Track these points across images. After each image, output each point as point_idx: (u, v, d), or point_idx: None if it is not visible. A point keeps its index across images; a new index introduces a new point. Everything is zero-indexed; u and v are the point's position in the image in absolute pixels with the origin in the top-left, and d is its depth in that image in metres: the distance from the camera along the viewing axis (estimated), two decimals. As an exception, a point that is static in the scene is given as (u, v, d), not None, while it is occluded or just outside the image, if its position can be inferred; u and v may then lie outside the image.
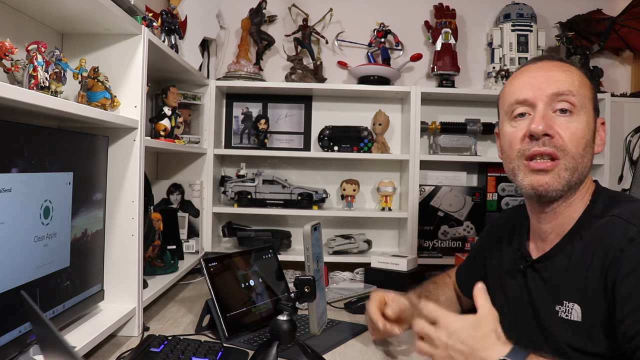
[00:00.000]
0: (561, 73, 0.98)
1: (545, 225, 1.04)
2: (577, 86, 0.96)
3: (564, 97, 0.95)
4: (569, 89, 0.95)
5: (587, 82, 1.00)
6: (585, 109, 0.97)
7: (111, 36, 1.30)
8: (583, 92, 0.97)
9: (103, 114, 1.15)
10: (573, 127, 0.95)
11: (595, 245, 0.92)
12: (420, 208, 2.16)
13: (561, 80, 0.97)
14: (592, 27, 2.32)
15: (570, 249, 0.97)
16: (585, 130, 0.95)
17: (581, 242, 0.96)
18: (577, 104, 0.95)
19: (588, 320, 0.92)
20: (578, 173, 0.96)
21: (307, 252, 1.08)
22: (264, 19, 2.26)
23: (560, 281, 0.98)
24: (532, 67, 1.02)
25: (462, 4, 2.36)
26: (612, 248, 0.88)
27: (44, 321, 0.61)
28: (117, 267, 1.29)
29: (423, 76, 2.40)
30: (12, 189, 0.87)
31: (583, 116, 0.96)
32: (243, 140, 2.32)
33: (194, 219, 2.11)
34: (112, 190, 1.29)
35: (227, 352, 1.14)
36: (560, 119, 0.95)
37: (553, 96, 0.96)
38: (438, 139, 2.25)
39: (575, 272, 0.95)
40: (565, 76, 0.97)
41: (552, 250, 1.01)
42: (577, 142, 0.94)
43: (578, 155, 0.95)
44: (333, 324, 1.40)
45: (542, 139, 0.95)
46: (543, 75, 0.99)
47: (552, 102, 0.96)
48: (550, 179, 0.95)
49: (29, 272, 0.94)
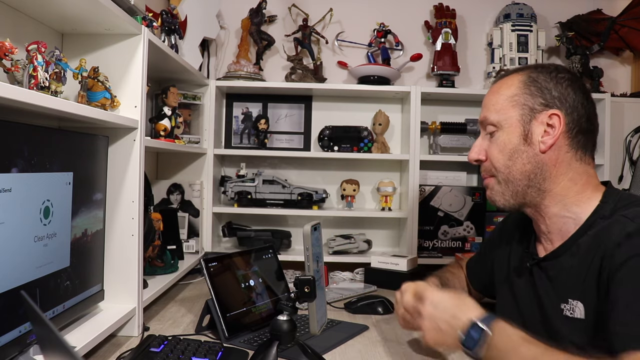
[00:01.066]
0: (488, 97, 1.08)
1: (540, 226, 1.07)
2: (492, 104, 1.06)
3: (485, 123, 1.07)
4: (485, 116, 1.07)
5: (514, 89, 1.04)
6: (506, 122, 1.03)
7: (111, 36, 1.30)
8: (499, 107, 1.04)
9: (103, 114, 1.15)
10: (494, 145, 1.05)
11: (596, 243, 0.94)
12: (420, 208, 2.16)
13: (485, 107, 1.08)
14: (592, 27, 2.32)
15: (576, 248, 0.99)
16: (505, 142, 1.03)
17: (586, 241, 0.97)
18: (495, 122, 1.05)
19: (590, 317, 0.94)
20: (512, 182, 1.04)
21: (307, 252, 1.08)
22: (264, 19, 2.26)
23: (565, 279, 1.00)
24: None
25: (462, 4, 2.36)
26: (610, 243, 0.90)
27: (44, 321, 0.61)
28: (117, 267, 1.29)
29: (423, 76, 2.40)
30: (12, 189, 0.87)
31: (504, 129, 1.04)
32: (243, 140, 2.32)
33: (194, 219, 2.11)
34: (112, 190, 1.29)
35: (227, 352, 1.14)
36: (489, 140, 1.07)
37: (483, 122, 1.09)
38: (438, 139, 2.25)
39: (579, 270, 0.97)
40: (490, 100, 1.07)
41: (559, 249, 1.03)
42: (498, 156, 1.04)
43: (504, 166, 1.04)
44: (333, 324, 1.40)
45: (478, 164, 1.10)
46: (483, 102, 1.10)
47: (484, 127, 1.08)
48: (489, 193, 1.09)
49: (29, 272, 0.94)
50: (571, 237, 1.01)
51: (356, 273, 2.05)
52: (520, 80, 1.05)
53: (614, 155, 2.22)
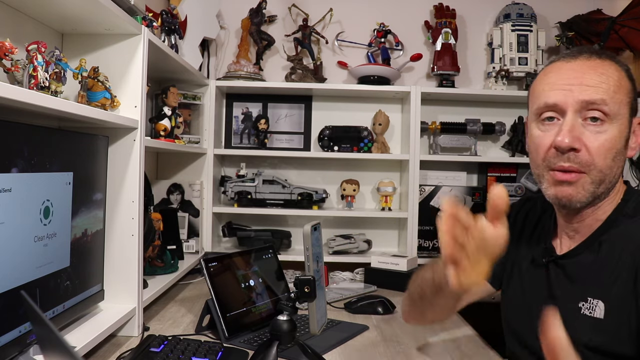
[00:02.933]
0: (596, 77, 0.91)
1: (572, 224, 1.02)
2: (612, 92, 0.90)
3: (596, 106, 0.90)
4: (602, 98, 0.90)
5: (626, 83, 0.94)
6: (620, 115, 0.91)
7: (111, 36, 1.30)
8: (619, 98, 0.91)
9: (103, 114, 1.15)
10: (602, 139, 0.90)
11: (624, 243, 0.91)
12: (420, 208, 2.16)
13: (595, 86, 0.90)
14: (592, 27, 2.32)
15: (598, 246, 0.96)
16: (616, 140, 0.91)
17: (609, 239, 0.94)
18: (610, 113, 0.90)
19: (611, 318, 0.90)
20: (605, 184, 0.93)
21: (307, 252, 1.08)
22: (264, 19, 2.26)
23: (585, 278, 0.97)
24: (567, 67, 0.95)
25: (462, 4, 2.36)
26: None
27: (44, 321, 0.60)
28: (117, 267, 1.29)
29: (423, 76, 2.40)
30: (12, 189, 0.87)
31: (615, 124, 0.91)
32: (243, 140, 2.32)
33: (194, 219, 2.11)
34: (112, 190, 1.29)
35: (227, 352, 1.15)
36: (590, 128, 0.91)
37: (584, 103, 0.90)
38: (438, 139, 2.25)
39: (601, 268, 0.94)
40: (600, 81, 0.91)
41: (579, 247, 0.99)
42: (606, 154, 0.91)
43: (606, 167, 0.91)
44: (333, 324, 1.40)
45: (568, 154, 0.92)
46: (576, 78, 0.92)
47: (582, 109, 0.91)
48: (574, 191, 0.93)
49: (29, 272, 0.94)
50: (593, 234, 0.97)
51: (356, 273, 2.05)
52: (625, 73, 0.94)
53: (614, 155, 2.21)
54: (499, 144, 2.36)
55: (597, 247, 0.96)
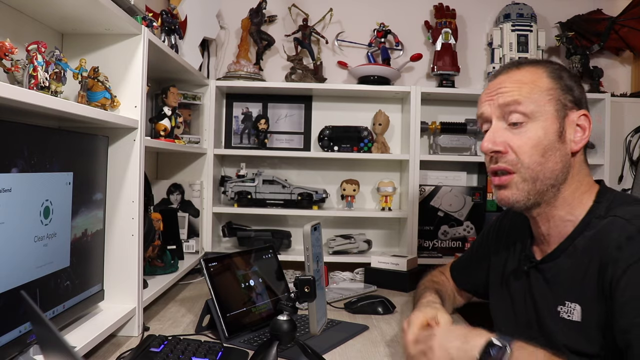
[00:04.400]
0: (511, 84, 1.00)
1: (539, 228, 1.05)
2: (526, 93, 0.97)
3: (512, 107, 0.98)
4: (515, 99, 0.97)
5: (547, 83, 0.99)
6: (540, 113, 0.97)
7: (111, 36, 1.30)
8: (535, 97, 0.97)
9: (103, 114, 1.15)
10: (525, 137, 0.97)
11: (596, 244, 0.93)
12: (420, 208, 2.16)
13: (509, 90, 0.99)
14: (592, 27, 2.32)
15: (573, 249, 0.98)
16: (540, 136, 0.96)
17: (583, 242, 0.96)
18: (527, 112, 0.97)
19: (587, 320, 0.92)
20: (540, 180, 0.97)
21: (307, 252, 1.08)
22: (264, 19, 2.26)
23: (562, 281, 0.99)
24: (491, 83, 1.05)
25: (462, 4, 2.36)
26: (610, 246, 0.89)
27: (44, 321, 0.60)
28: (117, 267, 1.29)
29: (423, 76, 2.40)
30: (12, 189, 0.87)
31: (538, 123, 0.97)
32: (243, 140, 2.32)
33: (194, 219, 2.11)
34: (112, 190, 1.29)
35: (227, 352, 1.14)
36: (514, 130, 0.98)
37: (501, 107, 0.99)
38: (438, 139, 2.25)
39: (576, 271, 0.96)
40: (515, 86, 0.99)
41: (555, 251, 1.01)
42: (530, 151, 0.96)
43: (535, 163, 0.97)
44: (333, 324, 1.40)
45: (495, 156, 1.00)
46: (496, 87, 1.01)
47: (503, 114, 0.99)
48: (509, 192, 0.99)
49: (29, 272, 0.94)
50: (567, 238, 1.00)
51: (356, 273, 2.05)
52: (545, 73, 1.00)
53: (614, 155, 2.22)
54: (499, 144, 2.36)
55: (572, 251, 0.98)
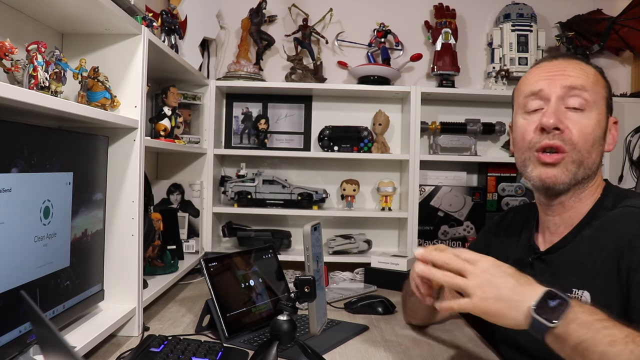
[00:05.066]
0: (576, 69, 1.01)
1: (554, 217, 1.06)
2: (591, 83, 0.99)
3: (577, 92, 0.98)
4: (582, 84, 0.98)
5: (602, 81, 1.03)
6: (597, 106, 0.99)
7: (111, 36, 1.30)
8: (597, 90, 1.00)
9: (103, 114, 1.15)
10: (583, 123, 0.98)
11: (606, 233, 0.94)
12: (420, 208, 2.16)
13: (575, 76, 1.00)
14: (592, 27, 2.32)
15: (580, 239, 0.99)
16: (595, 127, 0.98)
17: (591, 232, 0.98)
18: (589, 100, 0.98)
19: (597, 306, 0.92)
20: (584, 167, 0.99)
21: (307, 252, 1.08)
22: (264, 19, 2.26)
23: (568, 271, 1.00)
24: (548, 63, 1.05)
25: (462, 4, 2.36)
26: (626, 234, 0.90)
27: (44, 321, 0.61)
28: (117, 267, 1.29)
29: (423, 76, 2.40)
30: (12, 189, 0.87)
31: (594, 113, 0.99)
32: (243, 140, 2.32)
33: (194, 219, 2.11)
34: (112, 190, 1.29)
35: (227, 352, 1.14)
36: (571, 114, 0.99)
37: (566, 89, 0.99)
38: (438, 139, 2.25)
39: (584, 259, 0.96)
40: (580, 72, 1.00)
41: (562, 241, 1.03)
42: (586, 137, 0.97)
43: (585, 150, 0.98)
44: (333, 324, 1.40)
45: (552, 132, 0.98)
46: (559, 69, 1.02)
47: (565, 96, 0.99)
48: (558, 171, 0.99)
49: (29, 272, 0.94)
50: (574, 228, 1.01)
51: (356, 273, 2.05)
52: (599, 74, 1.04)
53: (614, 155, 2.21)
54: (498, 144, 2.36)
55: (579, 240, 0.99)
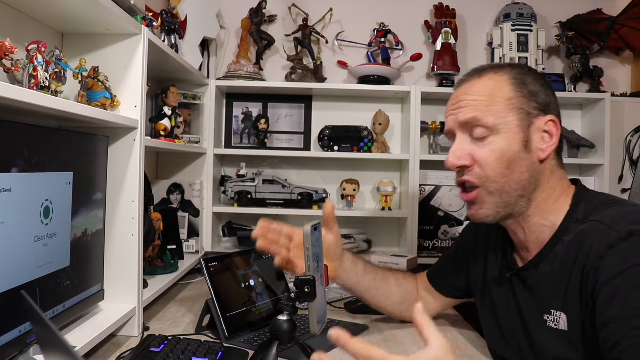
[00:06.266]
0: (469, 97, 0.98)
1: (517, 236, 1.02)
2: (484, 107, 0.95)
3: (471, 124, 0.96)
4: (473, 116, 0.95)
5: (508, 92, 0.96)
6: (502, 125, 0.94)
7: (111, 36, 1.29)
8: (495, 109, 0.95)
9: (103, 113, 1.15)
10: (488, 150, 0.95)
11: (576, 251, 0.90)
12: (420, 208, 2.16)
13: (466, 107, 0.97)
14: (592, 27, 2.32)
15: (553, 256, 0.95)
16: (504, 149, 0.94)
17: (563, 248, 0.93)
18: (488, 126, 0.95)
19: (574, 329, 0.90)
20: (507, 192, 0.95)
21: (307, 252, 1.08)
22: (264, 19, 2.26)
23: (545, 289, 0.96)
24: (453, 95, 1.03)
25: (462, 4, 2.36)
26: (592, 254, 0.85)
27: (44, 321, 0.61)
28: (117, 267, 1.29)
29: (423, 76, 2.40)
30: (12, 189, 0.87)
31: (501, 134, 0.94)
32: (243, 140, 2.32)
33: (194, 219, 2.11)
34: (112, 190, 1.29)
35: (227, 352, 1.14)
36: (478, 143, 0.96)
37: (462, 124, 0.98)
38: (438, 139, 2.25)
39: (559, 279, 0.93)
40: (473, 99, 0.97)
41: (536, 258, 0.98)
42: (495, 165, 0.94)
43: (499, 176, 0.94)
44: (333, 324, 1.40)
45: (463, 170, 0.98)
46: (455, 102, 1.00)
47: (466, 129, 0.98)
48: (478, 208, 0.98)
49: (29, 272, 0.94)
50: (547, 244, 0.96)
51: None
52: (508, 81, 0.97)
53: (614, 155, 2.21)
54: (499, 143, 2.36)
55: (552, 258, 0.95)
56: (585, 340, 0.88)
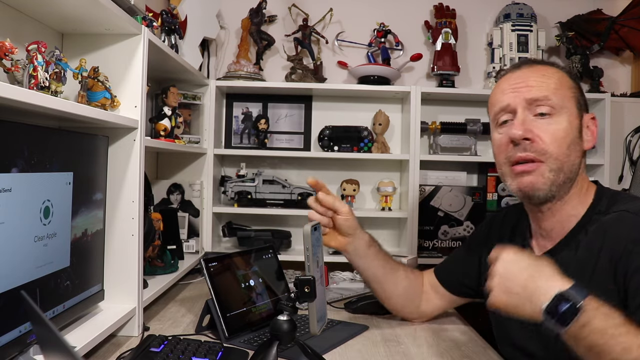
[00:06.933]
0: (538, 78, 1.03)
1: (544, 223, 1.06)
2: (553, 89, 1.01)
3: (541, 102, 1.01)
4: (544, 94, 1.00)
5: (569, 81, 1.04)
6: (566, 108, 1.01)
7: (111, 36, 1.29)
8: (562, 93, 1.01)
9: (103, 114, 1.15)
10: (553, 129, 0.99)
11: (602, 238, 0.94)
12: (420, 208, 2.16)
13: (537, 86, 1.01)
14: (592, 27, 2.32)
15: (575, 244, 0.99)
16: (567, 130, 1.00)
17: (586, 237, 0.98)
18: (555, 106, 1.00)
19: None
20: (564, 172, 0.99)
21: (307, 252, 1.08)
22: (264, 19, 2.26)
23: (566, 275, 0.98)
24: (512, 75, 1.07)
25: (462, 4, 2.36)
26: (623, 240, 0.90)
27: (44, 321, 0.61)
28: (117, 267, 1.29)
29: (423, 76, 2.40)
30: (12, 189, 0.87)
31: (564, 116, 1.00)
32: (243, 140, 2.32)
33: (194, 219, 2.11)
34: (112, 190, 1.29)
35: (227, 352, 1.14)
36: (540, 121, 1.00)
37: (530, 101, 1.01)
38: (438, 139, 2.25)
39: (581, 266, 0.96)
40: (542, 81, 1.02)
41: (557, 247, 1.03)
42: (559, 142, 0.99)
43: (562, 154, 0.99)
44: (333, 324, 1.40)
45: (524, 144, 1.00)
46: (521, 81, 1.04)
47: (530, 106, 1.01)
48: (534, 178, 1.00)
49: (29, 272, 0.94)
50: (570, 233, 1.02)
51: (356, 273, 2.05)
52: (567, 74, 1.05)
53: (614, 155, 2.21)
54: (499, 144, 2.36)
55: (574, 246, 1.00)
56: None
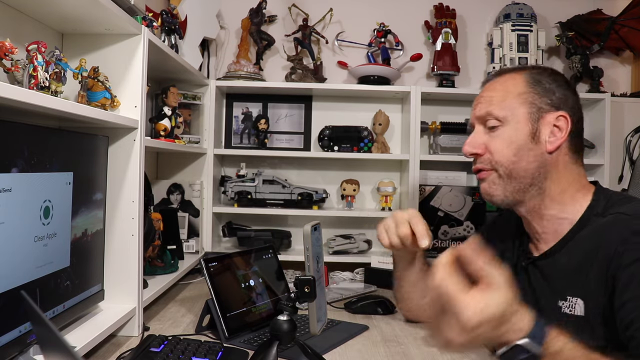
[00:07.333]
0: (487, 93, 1.09)
1: (534, 226, 1.08)
2: (498, 102, 1.05)
3: (486, 118, 1.07)
4: (487, 111, 1.06)
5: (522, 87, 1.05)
6: (512, 116, 1.04)
7: (111, 36, 1.30)
8: (507, 104, 1.05)
9: (103, 114, 1.15)
10: (499, 139, 1.05)
11: (598, 241, 0.95)
12: (420, 208, 2.16)
13: (484, 102, 1.08)
14: (592, 27, 2.32)
15: (573, 245, 1.00)
16: (512, 138, 1.03)
17: (584, 238, 0.99)
18: (500, 118, 1.05)
19: (591, 314, 0.94)
20: (514, 177, 1.03)
21: (307, 252, 1.08)
22: (264, 19, 2.26)
23: (562, 277, 1.01)
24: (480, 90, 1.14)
25: (462, 4, 2.36)
26: (615, 241, 0.91)
27: (44, 321, 0.61)
28: (117, 267, 1.29)
29: (423, 76, 2.40)
30: (12, 189, 0.87)
31: (510, 125, 1.04)
32: (243, 140, 2.32)
33: (194, 219, 2.11)
34: (112, 190, 1.29)
35: (227, 352, 1.15)
36: (491, 134, 1.06)
37: (479, 118, 1.09)
38: (438, 139, 2.25)
39: (578, 267, 0.97)
40: (490, 95, 1.08)
41: (555, 247, 1.04)
42: (504, 152, 1.03)
43: (508, 162, 1.03)
44: (333, 324, 1.40)
45: (476, 158, 1.08)
46: (478, 97, 1.12)
47: (482, 121, 1.08)
48: (487, 185, 1.07)
49: (29, 272, 0.94)
50: (567, 234, 1.02)
51: (356, 273, 2.05)
52: (524, 79, 1.06)
53: (614, 155, 2.21)
54: (499, 144, 2.36)
55: (572, 247, 1.01)
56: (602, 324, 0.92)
